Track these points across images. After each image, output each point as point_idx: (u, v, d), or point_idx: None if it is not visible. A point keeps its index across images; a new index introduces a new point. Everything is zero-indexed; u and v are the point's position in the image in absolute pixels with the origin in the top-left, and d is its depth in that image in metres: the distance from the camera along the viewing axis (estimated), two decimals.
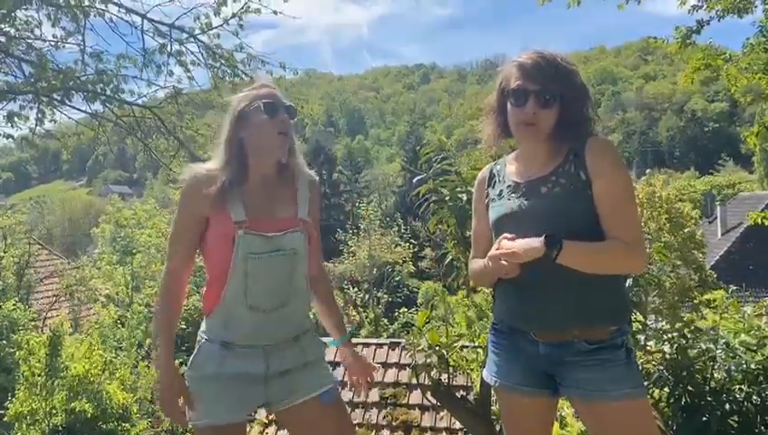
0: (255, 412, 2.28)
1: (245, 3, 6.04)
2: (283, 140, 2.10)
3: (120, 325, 10.69)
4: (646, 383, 3.03)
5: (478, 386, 3.26)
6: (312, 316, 2.30)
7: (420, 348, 3.26)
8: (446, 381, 3.32)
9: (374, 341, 6.12)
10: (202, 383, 2.08)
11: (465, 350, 4.11)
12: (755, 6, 5.53)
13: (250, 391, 2.10)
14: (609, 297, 1.94)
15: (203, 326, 2.16)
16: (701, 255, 13.72)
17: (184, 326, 12.59)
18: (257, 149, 2.10)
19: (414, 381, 3.48)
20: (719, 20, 5.61)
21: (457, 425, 4.55)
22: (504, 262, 1.86)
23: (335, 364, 4.30)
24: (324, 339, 2.35)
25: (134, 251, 15.21)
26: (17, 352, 7.19)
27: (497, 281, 2.08)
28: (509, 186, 2.08)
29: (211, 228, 2.08)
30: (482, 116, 2.16)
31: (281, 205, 2.14)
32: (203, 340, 2.13)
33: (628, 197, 1.92)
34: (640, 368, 3.05)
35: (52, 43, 6.01)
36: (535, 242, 1.83)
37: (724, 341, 3.09)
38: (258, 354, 2.09)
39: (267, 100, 2.09)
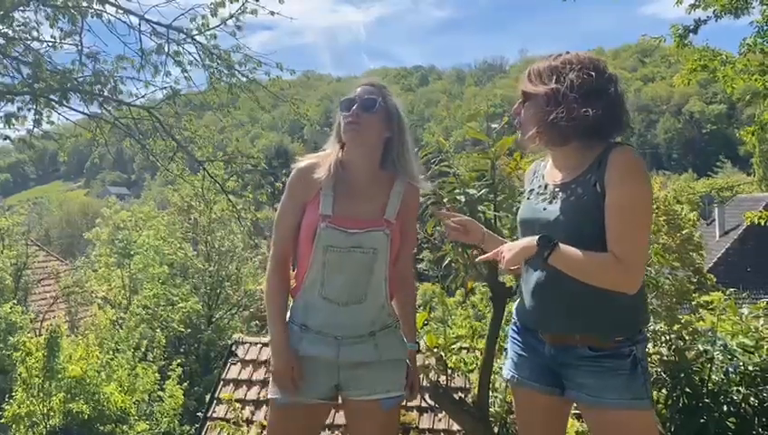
0: (336, 398, 2.28)
1: (242, 3, 6.05)
2: (353, 131, 2.15)
3: (117, 327, 10.67)
4: None
5: (476, 388, 3.25)
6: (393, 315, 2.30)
7: (419, 350, 3.25)
8: (445, 382, 3.32)
9: None
10: None
11: (463, 352, 4.10)
12: (752, 7, 5.53)
13: (323, 375, 2.19)
14: (614, 307, 1.89)
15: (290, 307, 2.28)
16: (699, 257, 13.70)
17: (182, 329, 12.62)
18: (345, 144, 2.21)
19: None
20: (716, 20, 5.62)
21: (456, 427, 4.54)
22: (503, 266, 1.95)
23: None
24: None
25: (132, 253, 15.17)
26: (14, 354, 7.17)
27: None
28: (540, 186, 2.10)
29: (305, 217, 2.20)
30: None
31: (370, 202, 2.20)
32: (287, 321, 2.24)
33: (633, 211, 1.80)
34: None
35: (50, 44, 6.01)
36: (525, 241, 1.90)
37: (721, 342, 3.08)
38: (331, 343, 2.17)
39: (347, 97, 2.20)
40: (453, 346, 3.38)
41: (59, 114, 6.28)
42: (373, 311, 2.20)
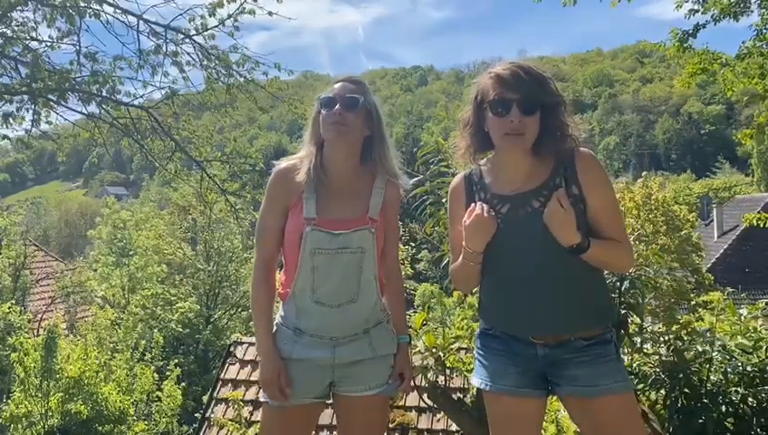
0: (329, 397, 2.27)
1: (241, 4, 6.04)
2: (336, 131, 2.10)
3: (116, 327, 10.64)
4: (642, 386, 3.04)
5: (475, 388, 3.25)
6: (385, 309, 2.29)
7: (417, 350, 3.25)
8: (443, 383, 3.31)
9: None
10: None
11: (461, 352, 4.09)
12: (751, 11, 5.54)
13: (317, 377, 2.19)
14: (599, 295, 2.05)
15: (280, 311, 2.26)
16: (698, 257, 13.73)
17: (180, 329, 12.62)
18: (326, 142, 2.17)
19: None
20: (715, 23, 5.62)
21: (454, 427, 4.54)
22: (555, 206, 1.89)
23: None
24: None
25: (131, 253, 15.16)
26: (12, 355, 7.15)
27: (486, 285, 2.10)
28: (494, 199, 2.03)
29: (288, 221, 2.17)
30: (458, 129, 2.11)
31: (353, 201, 2.18)
32: (279, 324, 2.24)
33: (617, 205, 2.07)
34: (637, 370, 3.08)
35: (48, 44, 6.00)
36: (572, 230, 1.90)
37: (720, 343, 3.08)
38: (326, 344, 2.16)
39: (327, 94, 2.14)
40: (451, 346, 3.37)
41: (57, 114, 6.28)
42: (366, 309, 2.19)
